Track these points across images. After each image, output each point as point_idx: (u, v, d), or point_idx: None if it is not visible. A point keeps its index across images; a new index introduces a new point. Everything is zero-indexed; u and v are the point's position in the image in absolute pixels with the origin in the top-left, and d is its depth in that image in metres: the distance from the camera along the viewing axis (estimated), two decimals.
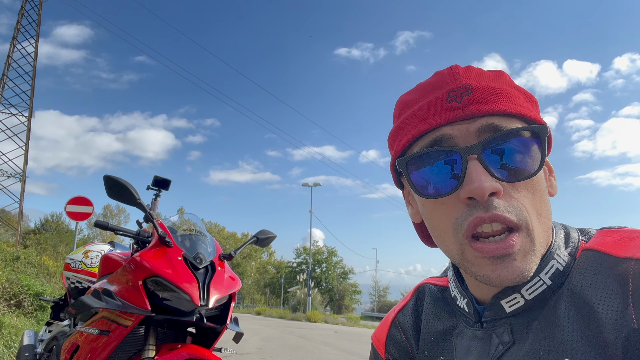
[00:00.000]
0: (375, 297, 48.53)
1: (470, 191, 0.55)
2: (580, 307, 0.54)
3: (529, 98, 0.62)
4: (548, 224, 0.59)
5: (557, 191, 0.64)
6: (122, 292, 1.71)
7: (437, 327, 0.73)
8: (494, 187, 0.54)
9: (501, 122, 0.57)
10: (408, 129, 0.63)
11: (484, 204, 0.55)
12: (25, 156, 27.94)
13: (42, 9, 30.58)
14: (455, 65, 0.62)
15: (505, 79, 0.62)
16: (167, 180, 2.34)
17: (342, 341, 11.41)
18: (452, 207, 0.58)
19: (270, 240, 2.22)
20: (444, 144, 0.59)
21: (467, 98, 0.58)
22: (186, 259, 1.74)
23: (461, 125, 0.58)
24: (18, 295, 7.61)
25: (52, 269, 11.48)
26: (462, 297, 0.69)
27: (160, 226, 1.84)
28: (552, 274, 0.59)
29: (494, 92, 0.59)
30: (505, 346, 0.59)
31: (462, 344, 0.66)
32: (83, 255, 2.78)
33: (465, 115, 0.57)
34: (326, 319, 23.75)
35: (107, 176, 1.75)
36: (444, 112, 0.59)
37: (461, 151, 0.56)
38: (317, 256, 51.77)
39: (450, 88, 0.60)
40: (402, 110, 0.67)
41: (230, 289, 1.80)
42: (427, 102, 0.61)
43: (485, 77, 0.61)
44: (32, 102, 28.72)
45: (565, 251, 0.60)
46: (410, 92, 0.67)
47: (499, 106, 0.58)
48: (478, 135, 0.57)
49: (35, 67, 29.57)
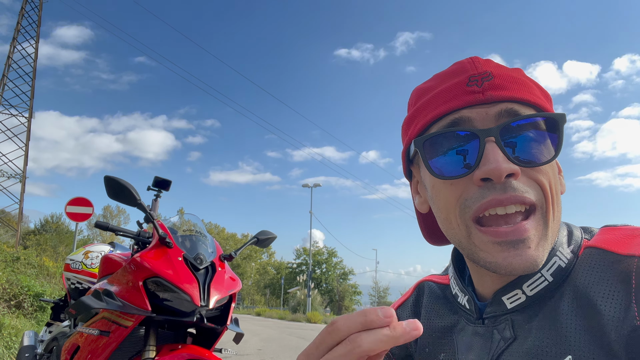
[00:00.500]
0: (375, 298, 48.50)
1: (487, 172, 0.54)
2: (582, 304, 0.54)
3: (545, 93, 0.63)
4: (559, 215, 0.59)
5: (566, 190, 0.64)
6: (123, 293, 1.72)
7: (437, 324, 0.73)
8: (511, 168, 0.54)
9: (520, 109, 0.58)
10: (426, 112, 0.63)
11: (501, 186, 0.55)
12: (25, 157, 27.95)
13: (42, 10, 30.59)
14: (475, 57, 0.63)
15: (523, 74, 0.63)
16: (167, 180, 2.34)
17: None
18: (463, 188, 0.58)
19: (271, 241, 2.22)
20: (463, 126, 0.59)
21: (487, 83, 0.58)
22: (186, 260, 1.74)
23: (480, 109, 0.58)
24: (18, 296, 7.61)
25: (52, 269, 11.47)
26: (462, 295, 0.69)
27: (160, 227, 1.84)
28: (554, 270, 0.59)
29: (514, 81, 0.59)
30: (507, 342, 0.59)
31: (464, 341, 0.66)
32: (83, 256, 2.79)
33: (486, 99, 0.58)
34: (326, 319, 23.73)
35: (107, 177, 1.76)
36: (464, 96, 0.59)
37: (479, 133, 0.56)
38: (317, 257, 51.74)
39: (471, 74, 0.60)
40: (419, 97, 0.66)
41: (230, 290, 1.80)
42: (447, 86, 0.61)
43: (504, 67, 0.62)
44: (32, 103, 28.73)
45: (568, 249, 0.60)
46: (428, 81, 0.67)
47: (518, 93, 0.58)
48: (497, 119, 0.58)
49: (36, 68, 29.58)
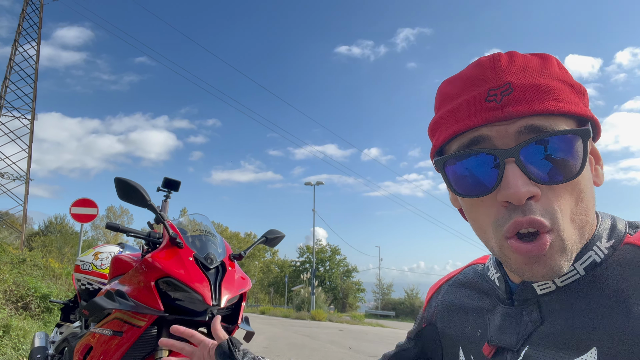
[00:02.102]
0: (379, 295, 48.50)
1: (507, 196, 0.55)
2: (612, 300, 0.55)
3: (576, 89, 0.60)
4: (585, 219, 0.59)
5: (604, 180, 0.63)
6: (135, 293, 1.73)
7: (472, 303, 0.76)
8: (530, 192, 0.54)
9: (542, 123, 0.56)
10: (446, 126, 0.62)
11: (522, 208, 0.55)
12: (29, 159, 27.98)
13: (43, 12, 30.59)
14: (497, 56, 0.60)
15: (552, 70, 0.59)
16: (177, 181, 2.35)
17: (348, 339, 11.42)
18: (492, 206, 0.58)
19: (279, 240, 2.23)
20: (482, 145, 0.58)
21: (507, 98, 0.56)
22: (197, 260, 1.76)
23: (500, 127, 0.57)
24: (25, 297, 7.64)
25: (58, 271, 11.51)
26: (494, 271, 0.72)
27: (171, 227, 1.86)
28: (587, 264, 0.59)
29: (537, 90, 0.56)
30: (535, 325, 0.61)
31: (495, 321, 0.68)
32: (93, 257, 2.80)
33: (505, 116, 0.56)
34: (330, 317, 23.75)
35: (117, 178, 1.77)
36: (482, 113, 0.58)
37: (499, 154, 0.56)
38: (321, 255, 51.76)
39: (491, 86, 0.58)
40: (442, 102, 0.66)
41: (241, 289, 1.82)
42: (466, 100, 0.60)
43: (529, 70, 0.58)
44: (34, 105, 28.75)
45: (607, 243, 0.60)
46: (451, 80, 0.65)
47: (540, 106, 0.55)
48: (517, 137, 0.56)
49: (37, 69, 29.63)
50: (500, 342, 0.65)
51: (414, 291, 44.07)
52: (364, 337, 12.59)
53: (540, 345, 0.60)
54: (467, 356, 0.73)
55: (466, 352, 0.74)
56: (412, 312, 41.13)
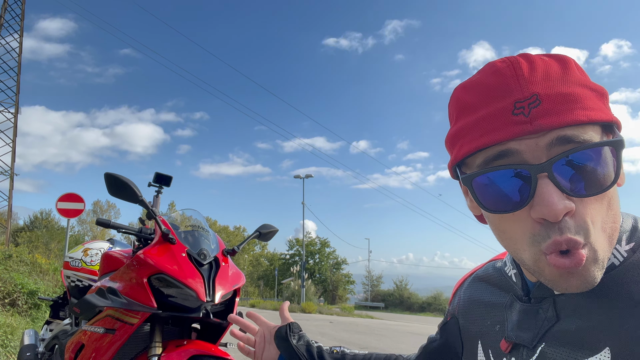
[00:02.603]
0: (368, 286, 48.81)
1: (543, 214, 0.53)
2: (627, 302, 0.54)
3: (599, 93, 0.58)
4: (615, 225, 0.58)
5: (625, 181, 0.62)
6: (127, 290, 1.71)
7: (491, 298, 0.76)
8: (566, 207, 0.52)
9: (573, 133, 0.54)
10: (470, 138, 0.60)
11: (558, 225, 0.53)
12: (13, 153, 27.51)
13: (25, 3, 29.97)
14: (516, 62, 0.57)
15: (573, 76, 0.57)
16: (168, 176, 2.32)
17: (338, 331, 11.48)
18: (525, 221, 0.56)
19: (273, 234, 2.22)
20: (511, 159, 0.56)
21: (535, 110, 0.54)
22: (190, 255, 1.73)
23: (529, 140, 0.55)
24: (12, 294, 7.54)
25: (45, 266, 11.35)
26: (511, 266, 0.72)
27: (163, 223, 1.83)
28: (606, 267, 0.58)
29: (564, 100, 0.54)
30: (551, 322, 0.61)
31: (512, 317, 0.68)
32: (82, 253, 2.76)
33: (535, 130, 0.53)
34: (320, 309, 23.87)
35: (107, 174, 1.74)
36: (510, 127, 0.55)
37: (531, 169, 0.54)
38: (310, 247, 51.91)
39: (517, 98, 0.55)
40: (461, 112, 0.63)
41: (235, 284, 1.80)
42: (491, 112, 0.57)
43: (552, 78, 0.56)
44: (17, 98, 28.24)
45: (627, 245, 0.59)
46: (469, 89, 0.62)
47: (570, 117, 0.53)
48: (548, 150, 0.54)
49: (20, 62, 29.07)
50: (517, 338, 0.65)
51: (403, 282, 44.45)
52: (354, 328, 12.67)
53: (555, 343, 0.60)
54: (485, 350, 0.74)
55: (485, 346, 0.74)
56: (401, 304, 41.49)
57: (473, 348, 0.78)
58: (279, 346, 1.04)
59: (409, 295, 42.32)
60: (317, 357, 1.00)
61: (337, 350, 1.03)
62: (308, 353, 1.00)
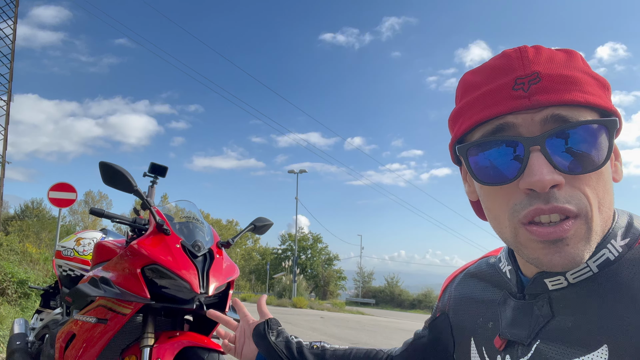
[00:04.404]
0: (359, 283, 48.91)
1: (531, 183, 0.54)
2: (624, 298, 0.54)
3: (601, 83, 0.60)
4: (609, 213, 0.59)
5: (622, 177, 0.63)
6: (120, 280, 1.70)
7: (484, 295, 0.76)
8: (554, 179, 0.54)
9: (568, 113, 0.56)
10: (470, 114, 0.62)
11: (544, 196, 0.55)
12: (5, 141, 27.21)
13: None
14: (524, 48, 0.60)
15: (577, 64, 0.59)
16: (164, 167, 2.30)
17: (329, 327, 11.52)
18: (511, 193, 0.58)
19: (267, 227, 2.22)
20: (507, 133, 0.58)
21: (534, 87, 0.56)
22: (184, 247, 1.72)
23: (526, 115, 0.57)
24: (2, 282, 7.49)
25: (35, 256, 11.28)
26: (506, 263, 0.71)
27: (157, 214, 1.82)
28: (601, 262, 0.59)
29: (564, 81, 0.56)
30: (546, 319, 0.61)
31: (506, 314, 0.68)
32: (75, 242, 2.74)
33: (532, 105, 0.56)
34: (312, 304, 23.92)
35: (102, 163, 1.72)
36: (509, 101, 0.57)
37: (524, 141, 0.56)
38: (302, 243, 51.92)
39: (518, 75, 0.58)
40: (465, 91, 0.65)
41: (229, 277, 1.79)
42: (493, 88, 0.59)
43: (556, 62, 0.58)
44: (10, 86, 27.92)
45: (622, 241, 0.60)
46: (476, 71, 0.65)
47: (567, 96, 0.55)
48: (543, 125, 0.56)
49: (14, 49, 28.76)
50: (512, 335, 0.65)
51: (394, 279, 44.58)
52: (345, 324, 12.72)
53: (551, 340, 0.59)
54: (478, 348, 0.73)
55: (477, 343, 0.74)
56: (392, 300, 41.63)
57: (465, 345, 0.77)
58: (258, 344, 1.01)
59: (399, 292, 42.46)
60: (297, 354, 0.97)
61: (317, 345, 1.00)
62: (287, 350, 0.98)
